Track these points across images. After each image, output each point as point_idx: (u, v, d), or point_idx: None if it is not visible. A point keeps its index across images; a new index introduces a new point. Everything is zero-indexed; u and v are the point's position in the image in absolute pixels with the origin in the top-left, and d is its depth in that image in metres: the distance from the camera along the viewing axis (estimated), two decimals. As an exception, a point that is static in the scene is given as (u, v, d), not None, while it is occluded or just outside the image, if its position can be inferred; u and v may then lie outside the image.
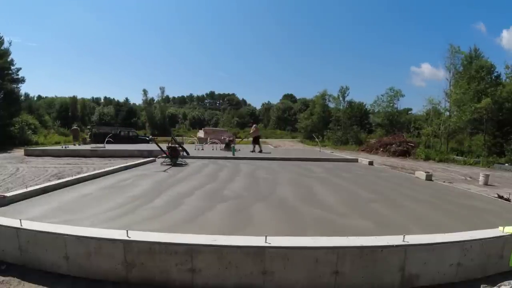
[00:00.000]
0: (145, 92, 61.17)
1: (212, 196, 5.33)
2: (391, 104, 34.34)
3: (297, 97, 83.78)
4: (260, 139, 16.54)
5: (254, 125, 17.01)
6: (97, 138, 22.99)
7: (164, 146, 10.74)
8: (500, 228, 3.26)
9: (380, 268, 2.82)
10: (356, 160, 13.05)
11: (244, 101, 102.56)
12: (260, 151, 14.86)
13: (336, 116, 39.30)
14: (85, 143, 23.15)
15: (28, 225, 3.18)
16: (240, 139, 23.52)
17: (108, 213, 4.10)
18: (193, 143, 23.29)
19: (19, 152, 17.71)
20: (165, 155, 10.53)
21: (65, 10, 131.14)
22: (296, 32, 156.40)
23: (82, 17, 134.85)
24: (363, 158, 13.14)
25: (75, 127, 24.82)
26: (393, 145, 22.89)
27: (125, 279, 2.87)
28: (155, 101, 62.50)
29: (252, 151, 14.96)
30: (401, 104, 35.74)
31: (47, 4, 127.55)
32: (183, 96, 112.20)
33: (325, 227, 3.74)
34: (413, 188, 6.69)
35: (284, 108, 76.23)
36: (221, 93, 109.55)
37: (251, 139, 16.55)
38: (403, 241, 2.91)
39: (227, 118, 76.97)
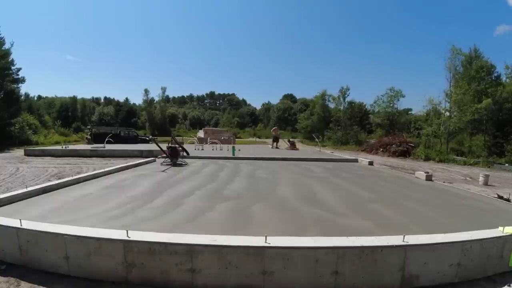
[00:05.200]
0: (146, 91, 61.19)
1: (212, 196, 5.33)
2: (391, 105, 34.32)
3: (297, 97, 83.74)
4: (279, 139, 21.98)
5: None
6: (97, 138, 22.99)
7: (164, 146, 10.75)
8: (500, 228, 3.26)
9: (380, 268, 2.82)
10: (356, 160, 13.05)
11: (244, 101, 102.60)
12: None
13: (336, 116, 39.29)
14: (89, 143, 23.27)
15: (28, 225, 3.18)
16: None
17: (108, 213, 4.10)
18: (193, 143, 23.29)
19: (19, 152, 17.72)
20: (165, 155, 10.54)
21: (65, 10, 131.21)
22: (296, 32, 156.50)
23: (82, 16, 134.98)
24: (363, 158, 13.14)
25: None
26: (393, 145, 22.88)
27: (125, 279, 2.87)
28: (155, 101, 62.41)
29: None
30: (401, 105, 35.57)
31: (47, 2, 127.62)
32: (183, 96, 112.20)
33: (325, 227, 3.73)
34: (413, 188, 6.68)
35: (284, 108, 76.25)
36: (221, 93, 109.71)
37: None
38: (403, 241, 2.91)
39: (227, 118, 76.94)
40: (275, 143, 21.09)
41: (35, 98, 65.38)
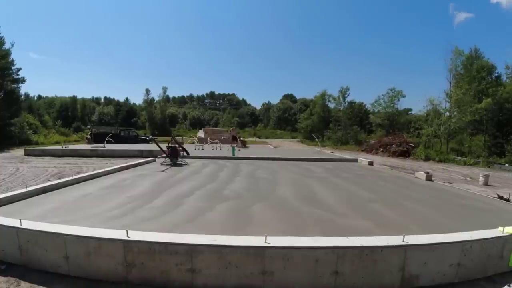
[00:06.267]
0: (147, 91, 61.46)
1: (212, 196, 5.33)
2: (392, 105, 34.31)
3: (297, 97, 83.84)
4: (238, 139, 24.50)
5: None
6: (97, 138, 23.01)
7: (164, 146, 10.75)
8: (500, 228, 3.26)
9: (380, 268, 2.82)
10: (356, 160, 13.05)
11: (244, 101, 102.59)
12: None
13: (336, 116, 39.28)
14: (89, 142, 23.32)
15: (28, 225, 3.18)
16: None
17: (108, 213, 4.10)
18: (193, 143, 23.30)
19: (19, 152, 17.71)
20: (165, 155, 10.54)
21: (65, 10, 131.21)
22: (296, 32, 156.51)
23: (82, 16, 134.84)
24: (363, 158, 13.14)
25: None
26: (393, 145, 22.88)
27: (125, 279, 2.87)
28: (155, 101, 62.52)
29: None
30: (401, 105, 35.56)
31: (47, 3, 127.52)
32: (183, 96, 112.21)
33: (325, 227, 3.73)
34: (413, 188, 6.68)
35: (284, 108, 76.28)
36: (221, 93, 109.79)
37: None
38: (403, 241, 2.90)
39: (227, 118, 76.99)
40: (235, 142, 23.34)
41: (35, 98, 65.46)
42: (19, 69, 27.08)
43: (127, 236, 2.88)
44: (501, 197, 6.32)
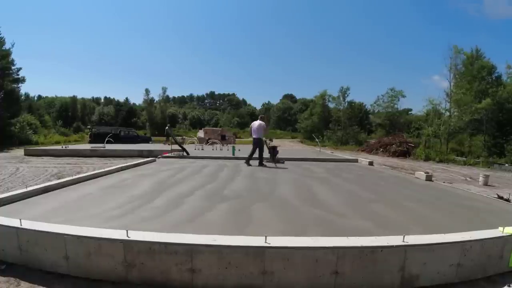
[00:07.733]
0: (147, 91, 61.75)
1: (212, 196, 5.33)
2: (392, 105, 34.35)
3: (297, 97, 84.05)
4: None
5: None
6: (97, 138, 23.02)
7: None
8: (500, 228, 3.26)
9: (380, 268, 2.82)
10: (356, 161, 13.05)
11: (244, 101, 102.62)
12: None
13: (336, 116, 39.28)
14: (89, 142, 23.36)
15: (28, 225, 3.17)
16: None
17: (108, 213, 4.10)
18: (193, 143, 23.30)
19: (19, 152, 17.71)
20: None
21: (65, 10, 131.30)
22: (295, 32, 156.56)
23: (82, 16, 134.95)
24: (363, 159, 13.14)
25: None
26: (393, 146, 22.92)
27: (125, 279, 2.87)
28: (155, 101, 62.70)
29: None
30: (401, 105, 35.64)
31: (47, 3, 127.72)
32: (183, 96, 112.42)
33: (325, 227, 3.73)
34: (413, 189, 6.68)
35: (284, 108, 76.36)
36: (221, 93, 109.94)
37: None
38: (403, 241, 2.90)
39: (227, 118, 77.04)
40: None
41: (35, 98, 65.48)
42: (19, 69, 27.12)
43: (127, 236, 2.88)
44: (501, 197, 6.33)
